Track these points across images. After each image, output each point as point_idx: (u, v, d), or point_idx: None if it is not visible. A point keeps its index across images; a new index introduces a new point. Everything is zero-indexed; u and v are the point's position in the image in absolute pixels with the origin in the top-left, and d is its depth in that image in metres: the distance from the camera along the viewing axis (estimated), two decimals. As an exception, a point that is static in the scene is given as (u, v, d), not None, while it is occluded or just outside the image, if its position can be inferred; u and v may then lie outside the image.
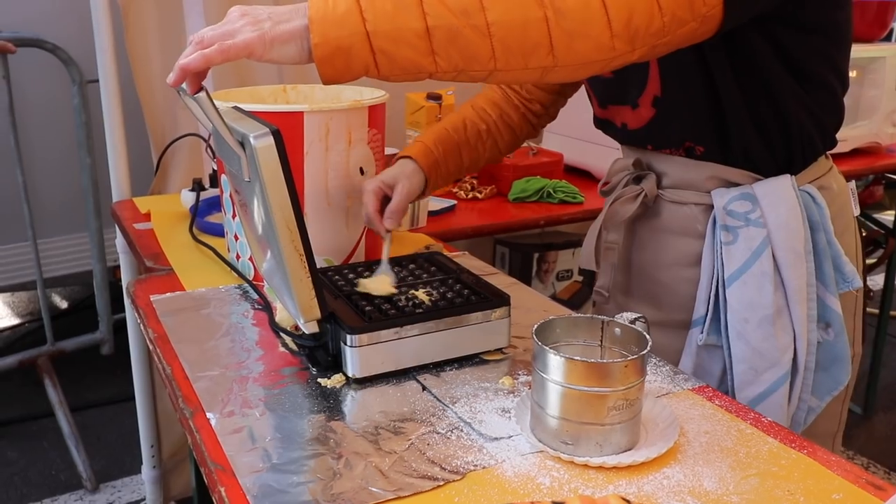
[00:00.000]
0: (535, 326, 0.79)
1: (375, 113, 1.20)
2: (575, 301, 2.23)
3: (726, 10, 0.82)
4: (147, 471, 2.01)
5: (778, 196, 0.98)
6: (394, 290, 1.00)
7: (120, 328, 2.29)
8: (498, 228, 1.73)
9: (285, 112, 1.13)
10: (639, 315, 0.83)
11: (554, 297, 2.13)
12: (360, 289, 1.00)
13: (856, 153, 2.20)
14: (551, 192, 1.78)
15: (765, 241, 0.99)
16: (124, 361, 2.10)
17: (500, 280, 1.25)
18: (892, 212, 3.20)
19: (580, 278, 2.22)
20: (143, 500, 2.09)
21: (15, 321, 3.14)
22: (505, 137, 1.26)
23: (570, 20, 0.76)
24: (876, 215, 2.80)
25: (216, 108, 0.80)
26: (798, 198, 0.99)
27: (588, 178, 1.98)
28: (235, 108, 0.97)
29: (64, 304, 3.28)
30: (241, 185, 0.95)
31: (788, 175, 1.00)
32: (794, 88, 0.95)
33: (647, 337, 0.78)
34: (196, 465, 1.53)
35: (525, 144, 1.96)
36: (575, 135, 2.01)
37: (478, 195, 1.81)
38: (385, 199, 1.15)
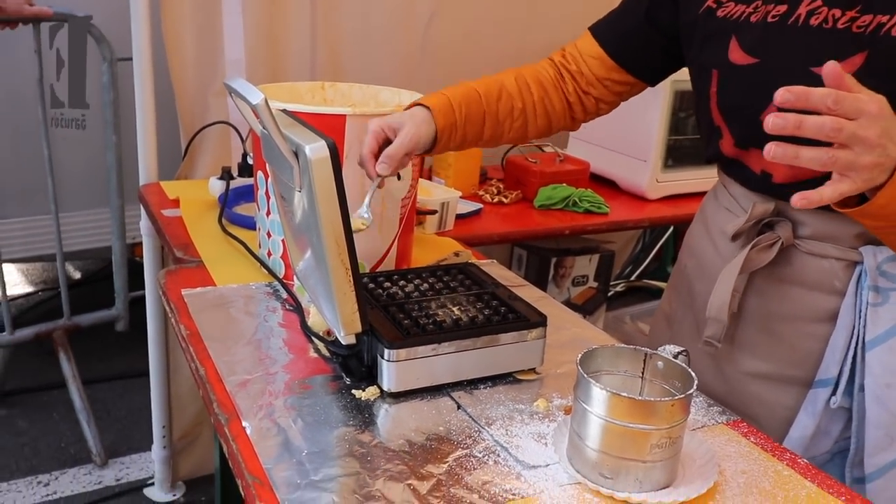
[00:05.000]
0: (580, 356, 0.79)
1: (416, 118, 1.19)
2: (588, 306, 2.23)
3: None
4: (157, 451, 2.02)
5: None
6: (361, 228, 1.01)
7: (133, 303, 2.30)
8: (524, 235, 1.73)
9: (327, 114, 1.11)
10: (682, 349, 0.82)
11: (568, 302, 2.14)
12: None
13: None
14: (577, 200, 1.77)
15: None
16: (136, 338, 2.11)
17: (529, 293, 1.24)
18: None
19: (595, 284, 2.21)
20: (152, 478, 2.10)
21: (29, 289, 3.15)
22: (539, 123, 1.15)
23: None
24: None
25: (274, 118, 0.79)
26: None
27: (613, 188, 1.98)
28: (283, 111, 0.96)
29: (77, 276, 3.29)
30: (285, 189, 0.95)
31: None
32: None
33: (692, 374, 0.77)
34: (220, 446, 1.53)
35: (552, 150, 1.96)
36: (602, 143, 2.00)
37: (503, 199, 1.80)
38: (386, 144, 1.04)
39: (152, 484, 2.09)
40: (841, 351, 0.98)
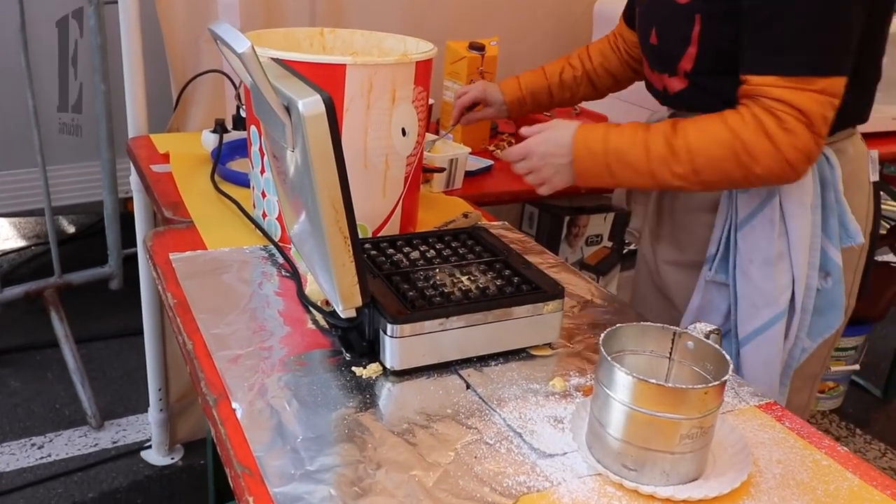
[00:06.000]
0: (602, 336, 0.72)
1: (422, 69, 1.09)
2: (602, 267, 2.16)
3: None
4: (154, 413, 1.97)
5: None
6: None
7: (128, 260, 2.23)
8: (535, 194, 1.63)
9: (325, 64, 1.02)
10: (714, 328, 0.75)
11: (581, 262, 2.06)
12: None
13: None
14: (593, 156, 1.67)
15: (773, 191, 1.07)
16: (131, 295, 2.03)
17: (544, 259, 1.17)
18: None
19: (609, 244, 2.13)
20: (149, 441, 2.05)
21: (21, 244, 3.07)
22: (604, 81, 1.45)
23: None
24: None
25: (263, 69, 0.70)
26: None
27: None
28: (275, 60, 0.86)
29: (71, 230, 3.21)
30: (277, 148, 0.86)
31: None
32: None
33: (727, 357, 0.70)
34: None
35: (569, 104, 1.87)
36: (619, 96, 1.89)
37: (514, 155, 1.70)
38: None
39: (150, 447, 2.04)
40: (720, 231, 1.14)
